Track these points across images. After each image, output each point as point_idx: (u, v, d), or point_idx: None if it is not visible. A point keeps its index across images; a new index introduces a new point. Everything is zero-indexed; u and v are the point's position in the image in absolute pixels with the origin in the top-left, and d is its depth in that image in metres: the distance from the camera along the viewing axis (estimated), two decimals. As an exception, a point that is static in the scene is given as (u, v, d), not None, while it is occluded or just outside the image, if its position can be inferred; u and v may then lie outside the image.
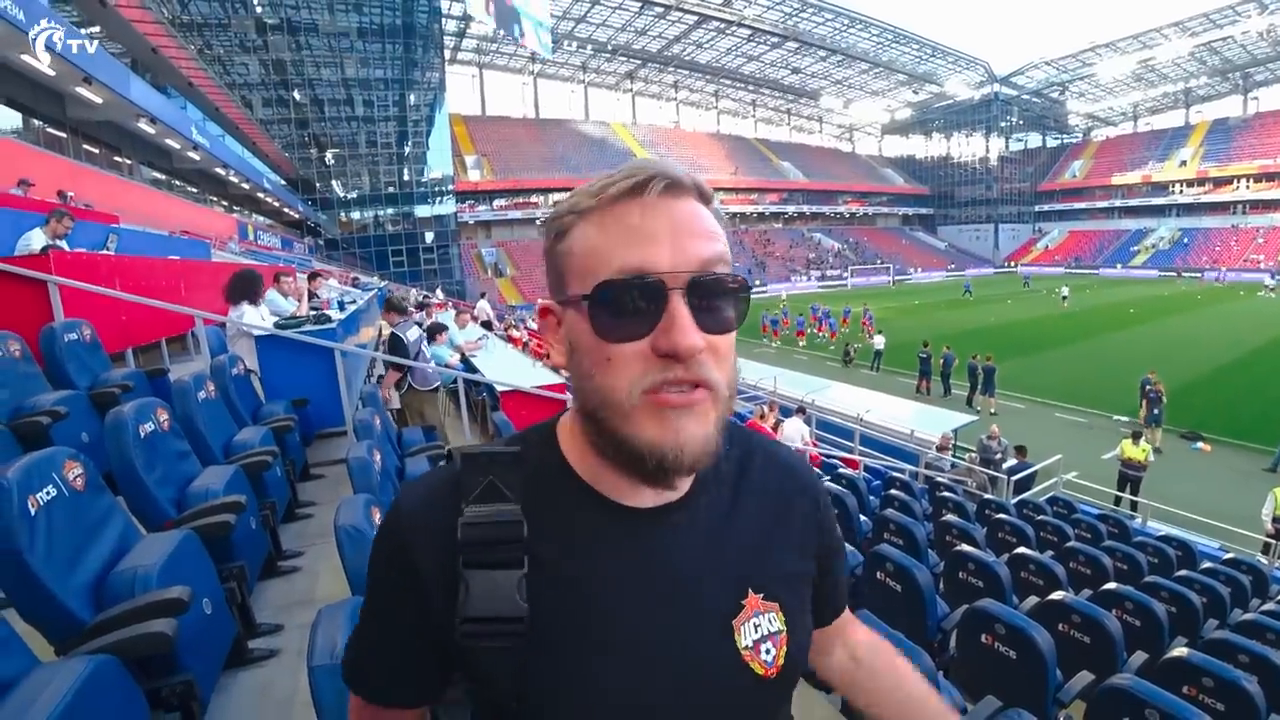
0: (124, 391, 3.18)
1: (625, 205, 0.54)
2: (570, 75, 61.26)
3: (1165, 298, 33.93)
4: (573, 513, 0.59)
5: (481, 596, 0.54)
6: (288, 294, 6.20)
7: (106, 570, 1.74)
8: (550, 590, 0.56)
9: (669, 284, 0.52)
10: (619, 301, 0.52)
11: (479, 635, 0.54)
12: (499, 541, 0.56)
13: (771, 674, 0.61)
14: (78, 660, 1.28)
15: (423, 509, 0.59)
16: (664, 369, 0.52)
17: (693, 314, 0.52)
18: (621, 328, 0.53)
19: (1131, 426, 10.67)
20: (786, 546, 0.67)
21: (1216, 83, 58.90)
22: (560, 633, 0.56)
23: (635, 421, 0.53)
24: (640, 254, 0.52)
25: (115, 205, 10.65)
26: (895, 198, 69.52)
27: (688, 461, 0.53)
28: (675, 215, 0.54)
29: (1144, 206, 57.31)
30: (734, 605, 0.61)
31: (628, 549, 0.59)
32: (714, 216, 0.58)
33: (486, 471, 0.58)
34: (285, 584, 2.78)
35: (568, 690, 0.55)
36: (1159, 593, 4.16)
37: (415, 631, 0.60)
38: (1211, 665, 2.70)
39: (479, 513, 0.56)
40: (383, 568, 0.61)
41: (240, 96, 29.89)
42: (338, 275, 17.84)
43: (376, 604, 0.63)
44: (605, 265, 0.53)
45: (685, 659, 0.58)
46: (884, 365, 19.10)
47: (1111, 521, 6.78)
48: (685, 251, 0.53)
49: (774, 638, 0.62)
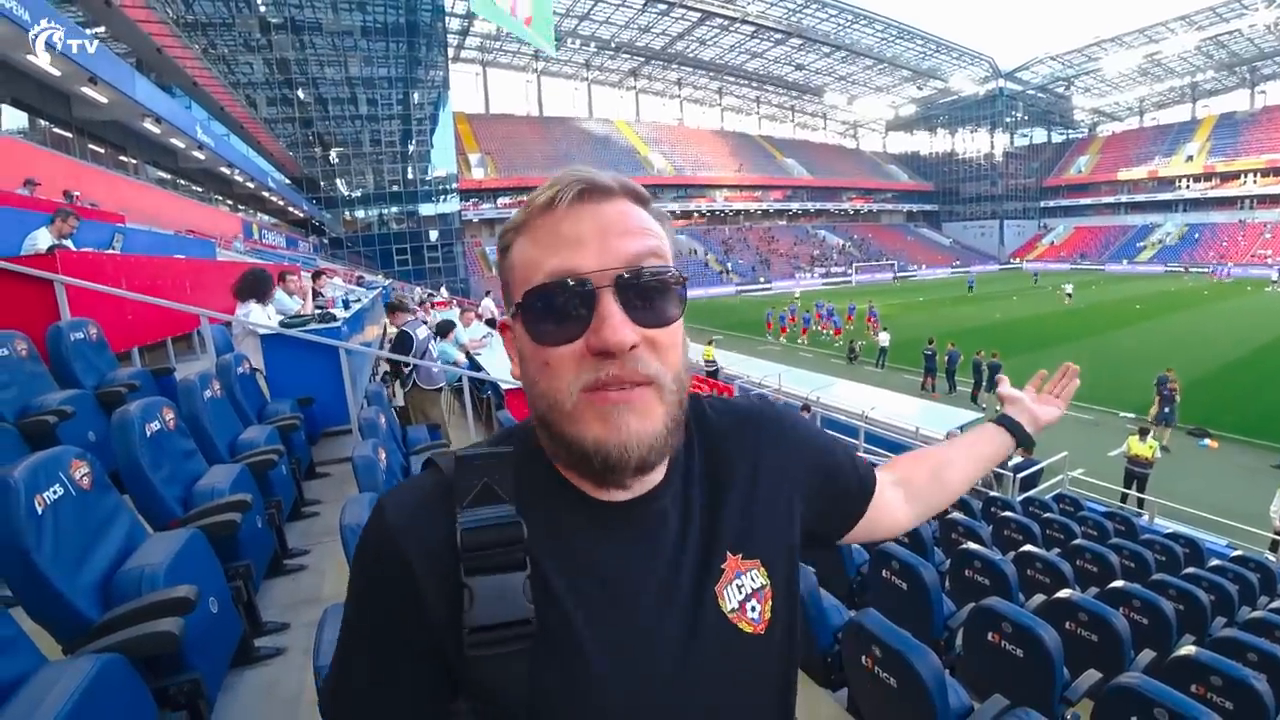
0: (130, 391, 3.19)
1: (552, 214, 0.55)
2: (574, 73, 61.26)
3: (1172, 294, 33.74)
4: (561, 510, 0.59)
5: (488, 603, 0.52)
6: (292, 293, 6.22)
7: (113, 569, 1.75)
8: (551, 588, 0.56)
9: (596, 283, 0.53)
10: (548, 305, 0.54)
11: (488, 644, 0.52)
12: (500, 545, 0.54)
13: (760, 630, 0.62)
14: (85, 659, 1.28)
15: (414, 519, 0.57)
16: (598, 367, 0.53)
17: (626, 310, 0.53)
18: (555, 331, 0.54)
19: (1138, 423, 10.61)
20: (760, 494, 0.67)
21: (1223, 77, 58.55)
22: (566, 630, 0.55)
23: (578, 421, 0.54)
24: (565, 257, 0.54)
25: (121, 205, 10.69)
26: (900, 194, 69.32)
27: (634, 458, 0.54)
28: (601, 217, 0.55)
29: (1150, 202, 57.06)
30: (715, 571, 0.62)
31: (615, 540, 0.59)
32: (652, 215, 0.59)
33: (480, 474, 0.57)
34: (291, 582, 2.79)
35: (572, 690, 0.55)
36: (1167, 590, 4.14)
37: (416, 655, 0.56)
38: (1220, 664, 2.68)
39: (477, 517, 0.55)
40: (373, 586, 0.58)
41: (245, 96, 29.95)
42: (342, 274, 17.91)
43: (365, 629, 0.58)
44: (537, 273, 0.55)
45: (678, 636, 0.59)
46: (889, 362, 19.05)
47: (1118, 519, 6.76)
48: (611, 250, 0.54)
49: (758, 594, 0.63)
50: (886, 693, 2.17)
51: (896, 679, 2.12)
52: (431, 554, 0.55)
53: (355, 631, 0.59)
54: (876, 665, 2.19)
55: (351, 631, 0.60)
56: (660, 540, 0.61)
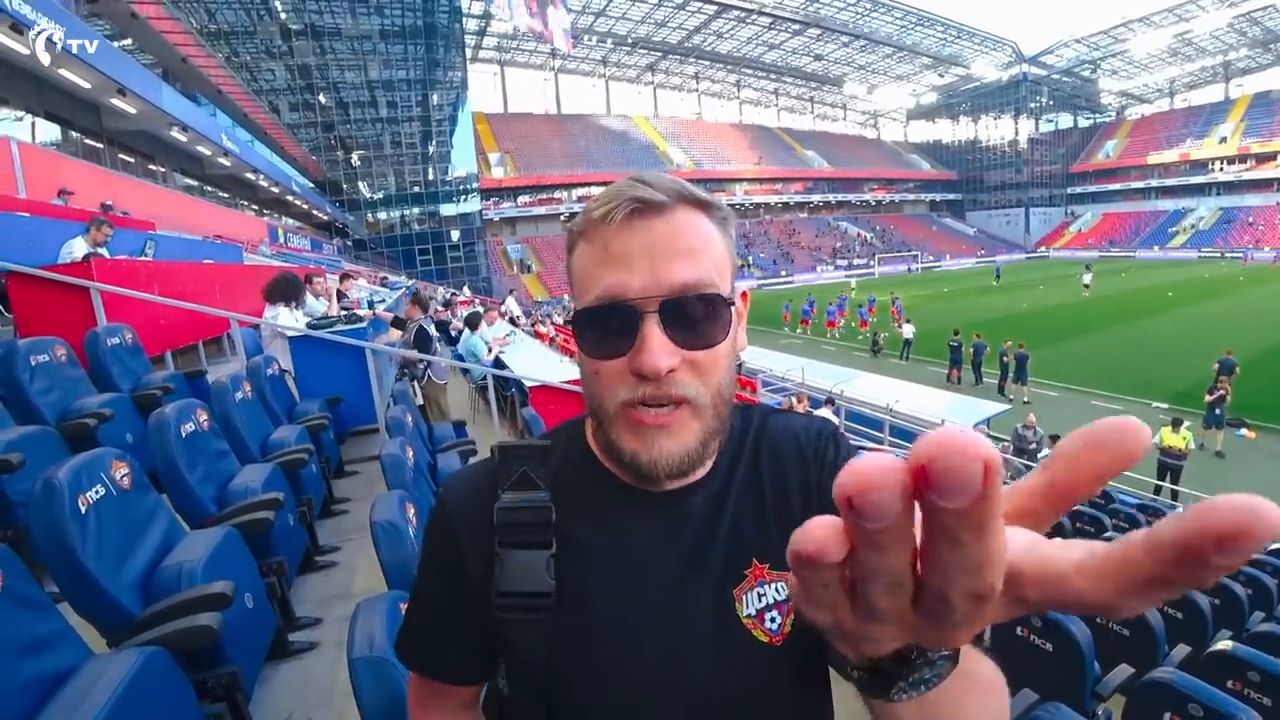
0: (165, 393, 3.28)
1: (604, 228, 0.58)
2: (591, 70, 61.25)
3: (1205, 280, 32.82)
4: (595, 498, 0.65)
5: (514, 573, 0.61)
6: (319, 294, 6.33)
7: (153, 566, 1.80)
8: (575, 568, 0.62)
9: (642, 308, 0.56)
10: (596, 326, 0.58)
11: (511, 609, 0.60)
12: (530, 524, 0.62)
13: (776, 641, 0.63)
14: (129, 652, 1.33)
15: (466, 497, 0.66)
16: (637, 387, 0.57)
17: (669, 334, 0.56)
18: (601, 348, 0.58)
19: (1171, 413, 10.37)
20: (802, 517, 0.67)
21: (1258, 54, 56.59)
22: (583, 606, 0.61)
23: (617, 430, 0.59)
24: (612, 280, 0.57)
25: (151, 212, 10.94)
26: (922, 184, 68.27)
27: (663, 473, 0.59)
28: (651, 237, 0.57)
29: (1182, 186, 55.46)
30: (737, 575, 0.64)
31: (645, 528, 0.64)
32: (713, 220, 0.60)
33: (520, 463, 0.65)
34: (323, 578, 2.85)
35: (588, 660, 0.60)
36: (1202, 583, 4.05)
37: (463, 610, 0.66)
38: (1257, 659, 2.62)
39: (513, 499, 0.63)
40: (433, 552, 0.68)
41: (268, 102, 30.49)
42: (367, 275, 18.14)
43: (428, 586, 0.69)
44: (588, 288, 0.59)
45: (692, 628, 0.62)
46: (913, 354, 18.82)
47: (1151, 511, 6.63)
48: (657, 274, 0.56)
49: (780, 606, 0.64)
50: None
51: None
52: (475, 526, 0.64)
53: (421, 586, 0.71)
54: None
55: (419, 586, 0.71)
56: (687, 532, 0.64)
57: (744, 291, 0.66)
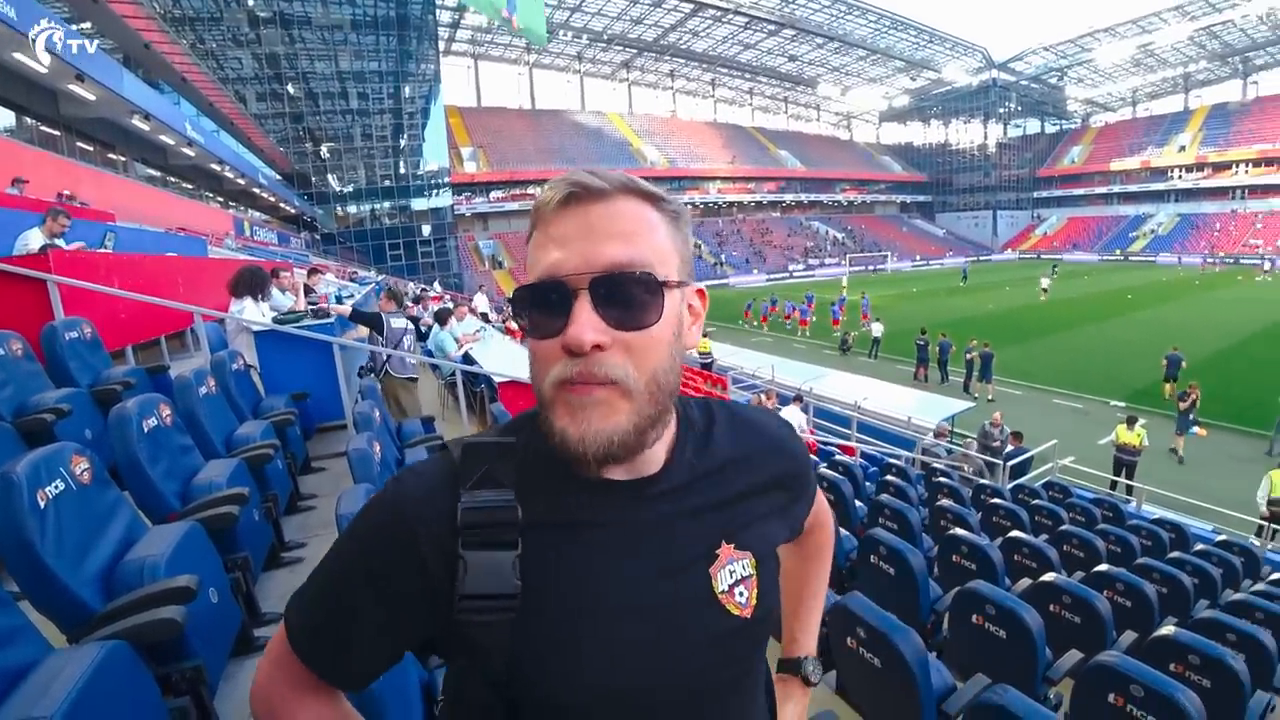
0: (125, 388, 3.22)
1: (550, 215, 0.60)
2: (565, 65, 60.95)
3: (1163, 284, 33.93)
4: (560, 493, 0.63)
5: (479, 576, 0.58)
6: (285, 289, 6.23)
7: (115, 561, 1.78)
8: (542, 566, 0.60)
9: (572, 285, 0.57)
10: (532, 303, 0.59)
11: (475, 611, 0.58)
12: (495, 525, 0.60)
13: (747, 614, 0.67)
14: (91, 646, 1.32)
15: (423, 497, 0.62)
16: (569, 364, 0.57)
17: (600, 312, 0.57)
18: (538, 327, 0.59)
19: (1128, 411, 10.72)
20: (756, 497, 0.72)
21: (1216, 67, 58.67)
22: (551, 603, 0.60)
23: (552, 410, 0.59)
24: (550, 259, 0.58)
25: (111, 203, 10.64)
26: (893, 185, 69.35)
27: (591, 453, 0.57)
28: (588, 220, 0.58)
29: (1143, 192, 57.25)
30: (710, 555, 0.66)
31: (612, 518, 0.64)
32: (662, 213, 0.62)
33: (483, 460, 0.63)
34: (289, 574, 2.83)
35: (555, 655, 0.60)
36: (1150, 574, 4.22)
37: (382, 623, 0.63)
38: (1198, 643, 2.76)
39: (477, 499, 0.61)
40: (369, 555, 0.63)
41: (234, 91, 29.83)
42: (335, 270, 17.86)
43: (349, 589, 0.64)
44: (531, 271, 0.60)
45: (669, 608, 0.63)
46: (882, 352, 19.14)
47: (1106, 505, 6.85)
48: (589, 254, 0.57)
49: (746, 581, 0.67)
50: (871, 673, 2.23)
51: (881, 659, 2.18)
52: (434, 528, 0.61)
53: (343, 571, 0.66)
54: (861, 646, 2.26)
55: (341, 570, 0.66)
56: (658, 519, 0.65)
57: (700, 289, 0.67)
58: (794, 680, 0.93)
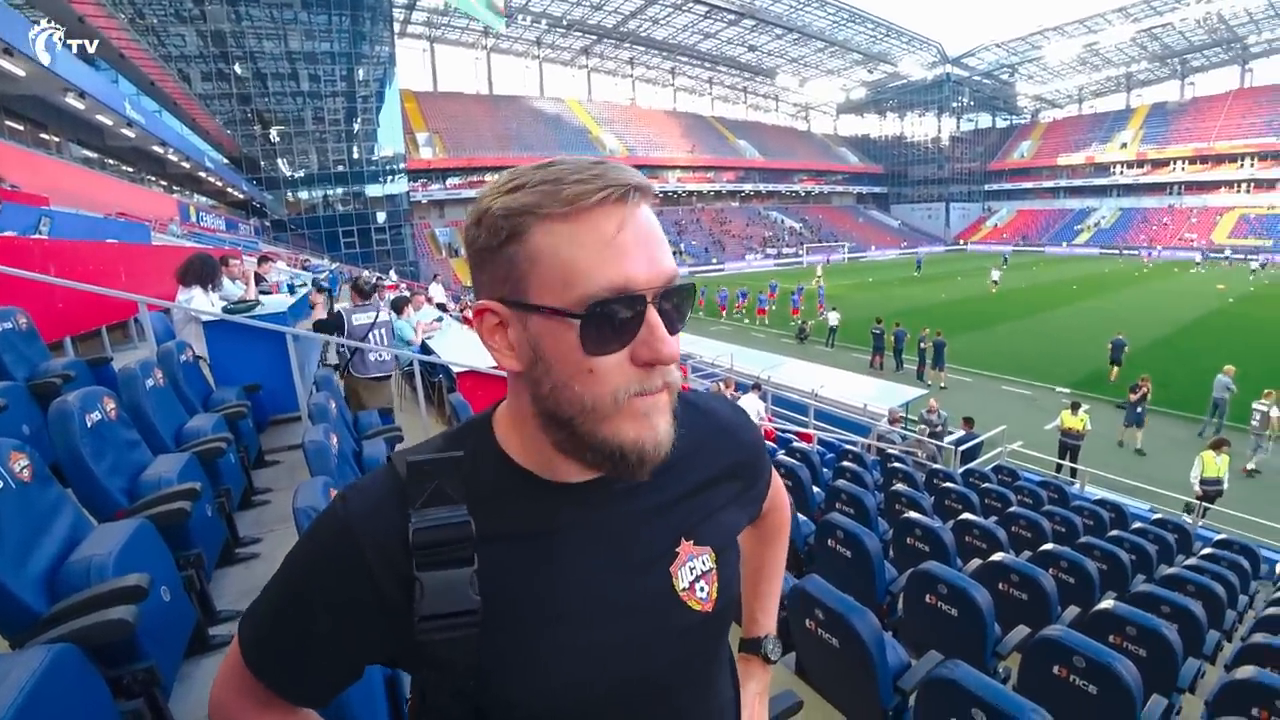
0: (65, 382, 3.07)
1: (599, 214, 0.53)
2: (524, 50, 60.02)
3: (1105, 275, 35.36)
4: (518, 501, 0.62)
5: (436, 596, 0.57)
6: (235, 277, 6.02)
7: (59, 562, 1.71)
8: (501, 578, 0.60)
9: (647, 297, 0.54)
10: (612, 318, 0.53)
11: (436, 630, 0.57)
12: (449, 543, 0.58)
13: (708, 609, 0.67)
14: (36, 650, 1.27)
15: (372, 518, 0.60)
16: (645, 377, 0.55)
17: (665, 324, 0.56)
18: (604, 344, 0.54)
19: (1072, 398, 11.16)
20: (713, 489, 0.73)
21: (1156, 68, 61.27)
22: (513, 614, 0.60)
23: (616, 424, 0.56)
24: (623, 270, 0.53)
25: (45, 186, 10.13)
26: (850, 176, 70.42)
27: (662, 453, 0.58)
28: (645, 225, 0.55)
29: (1087, 186, 59.41)
30: (670, 552, 0.67)
31: (571, 522, 0.63)
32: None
33: (432, 477, 0.60)
34: (244, 571, 2.76)
35: (521, 665, 0.60)
36: (1092, 552, 4.43)
37: (342, 649, 0.62)
38: (1135, 615, 2.91)
39: (428, 518, 0.58)
40: (325, 562, 0.61)
41: (177, 70, 28.49)
42: (286, 258, 17.34)
43: (306, 594, 0.62)
44: (588, 280, 0.53)
45: (632, 609, 0.63)
46: (839, 341, 19.51)
47: (1052, 488, 7.14)
48: (656, 263, 0.55)
49: (706, 575, 0.68)
50: (830, 653, 2.29)
51: (839, 639, 2.25)
52: (385, 550, 0.58)
53: (296, 589, 0.63)
54: (820, 628, 2.32)
55: (293, 589, 0.63)
56: (617, 519, 0.64)
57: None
58: (755, 659, 0.95)
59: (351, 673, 0.66)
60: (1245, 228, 46.32)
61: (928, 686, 1.95)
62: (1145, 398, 10.88)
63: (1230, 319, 21.43)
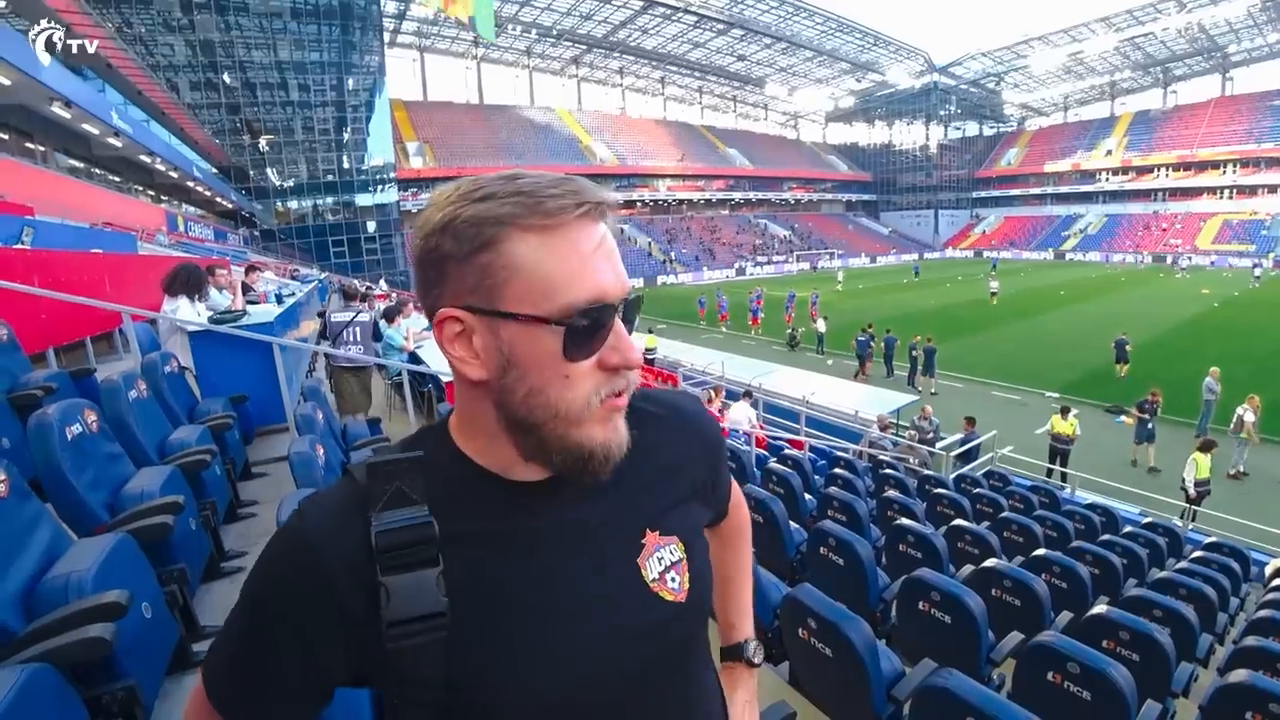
0: (47, 394, 3.02)
1: (577, 229, 0.56)
2: (514, 60, 60.24)
3: (1092, 280, 35.71)
4: (480, 500, 0.62)
5: (403, 600, 0.56)
6: (222, 287, 5.97)
7: (37, 578, 1.68)
8: (468, 579, 0.59)
9: (615, 306, 0.58)
10: (593, 326, 0.56)
11: (405, 636, 0.56)
12: (412, 544, 0.57)
13: (681, 598, 0.67)
14: (10, 670, 1.24)
15: (331, 526, 0.59)
16: (614, 381, 0.59)
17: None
18: (582, 350, 0.56)
19: (1062, 402, 11.21)
20: (676, 480, 0.73)
21: (1139, 76, 62.29)
22: (482, 616, 0.59)
23: (587, 428, 0.58)
24: (599, 282, 0.56)
25: (29, 195, 10.03)
26: (839, 184, 70.89)
27: (623, 452, 0.61)
28: (611, 241, 0.59)
29: (1074, 193, 60.10)
30: (635, 544, 0.67)
31: (534, 519, 0.63)
32: None
33: (392, 479, 0.59)
34: (230, 585, 2.71)
35: (493, 667, 0.59)
36: (1084, 556, 4.44)
37: (315, 648, 0.59)
38: (1127, 620, 2.91)
39: (390, 520, 0.58)
40: (283, 580, 0.59)
41: (165, 79, 28.34)
42: (275, 267, 17.25)
43: (265, 618, 0.60)
44: (568, 291, 0.55)
45: (602, 604, 0.63)
46: (830, 348, 19.54)
47: (1042, 492, 7.17)
48: (621, 276, 0.59)
49: (676, 566, 0.68)
50: (823, 662, 2.28)
51: (832, 649, 2.23)
52: (347, 559, 0.57)
53: (256, 619, 0.61)
54: (813, 637, 2.30)
55: (255, 618, 0.61)
56: (581, 515, 0.64)
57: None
58: (739, 665, 0.94)
59: (322, 697, 0.64)
60: (1229, 233, 46.92)
61: (922, 695, 1.94)
62: (1156, 413, 10.41)
63: (1219, 322, 21.67)
